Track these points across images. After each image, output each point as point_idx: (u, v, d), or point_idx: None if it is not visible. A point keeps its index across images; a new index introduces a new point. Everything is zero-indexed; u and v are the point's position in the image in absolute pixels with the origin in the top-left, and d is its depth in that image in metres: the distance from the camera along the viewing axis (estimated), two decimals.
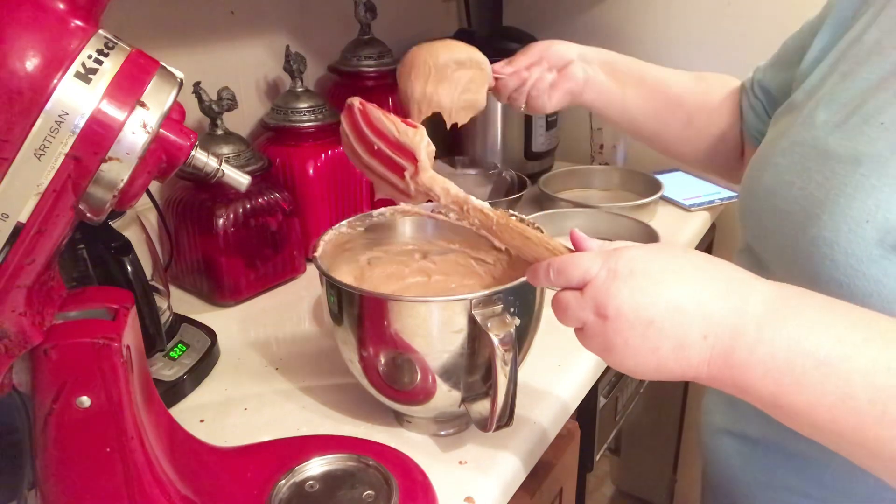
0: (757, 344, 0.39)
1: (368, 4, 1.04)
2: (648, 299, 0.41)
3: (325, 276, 0.60)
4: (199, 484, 0.53)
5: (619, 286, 0.42)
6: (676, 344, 0.41)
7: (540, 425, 0.66)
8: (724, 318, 0.40)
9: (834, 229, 0.48)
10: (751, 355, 0.40)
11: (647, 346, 0.41)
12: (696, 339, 0.40)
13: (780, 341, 0.39)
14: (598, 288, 0.42)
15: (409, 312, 0.56)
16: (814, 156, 0.52)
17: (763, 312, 0.40)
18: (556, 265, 0.46)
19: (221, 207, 0.84)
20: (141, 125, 0.38)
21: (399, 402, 0.62)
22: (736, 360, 0.40)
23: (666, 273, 0.42)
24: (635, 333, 0.41)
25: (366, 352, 0.59)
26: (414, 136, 0.55)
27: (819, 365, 0.38)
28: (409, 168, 0.55)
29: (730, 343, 0.40)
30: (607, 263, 0.43)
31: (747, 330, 0.40)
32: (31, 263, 0.39)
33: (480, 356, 0.58)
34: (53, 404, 0.44)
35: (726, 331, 0.40)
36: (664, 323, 0.40)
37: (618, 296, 0.41)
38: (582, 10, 1.37)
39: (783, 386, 0.39)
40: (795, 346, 0.39)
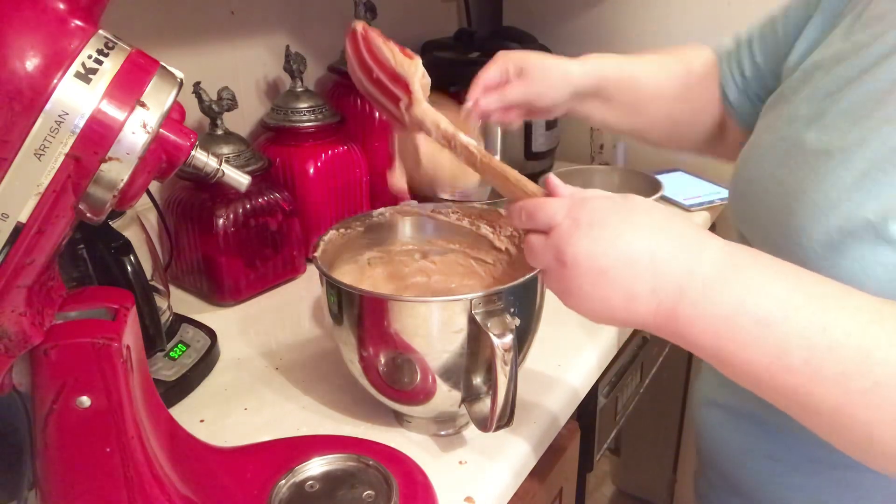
0: (702, 301, 0.41)
1: (368, 4, 1.04)
2: (602, 249, 0.43)
3: (325, 276, 0.60)
4: (199, 484, 0.53)
5: (579, 235, 0.44)
6: (626, 294, 0.43)
7: (540, 425, 0.66)
8: (673, 274, 0.42)
9: (805, 217, 0.50)
10: (695, 311, 0.41)
11: (599, 293, 0.43)
12: (645, 291, 0.42)
13: (724, 299, 0.41)
14: (560, 235, 0.45)
15: (409, 312, 0.56)
16: (793, 150, 0.54)
17: (710, 271, 0.42)
18: (528, 208, 0.48)
19: (221, 207, 0.84)
20: (141, 125, 0.38)
21: (399, 402, 0.62)
22: (681, 315, 0.42)
23: (624, 225, 0.43)
24: (589, 281, 0.43)
25: (366, 352, 0.59)
26: (409, 66, 0.54)
27: (758, 323, 0.40)
28: (403, 99, 0.54)
29: (677, 298, 0.42)
30: (571, 212, 0.45)
31: (693, 287, 0.41)
32: (31, 263, 0.39)
33: (481, 356, 0.58)
34: (53, 404, 0.44)
35: (674, 286, 0.42)
36: (616, 273, 0.42)
37: (576, 244, 0.44)
38: (582, 10, 1.37)
39: (724, 342, 0.41)
40: (738, 305, 0.41)
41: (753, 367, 0.41)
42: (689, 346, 0.43)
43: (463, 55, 1.23)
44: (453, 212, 0.72)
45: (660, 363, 1.09)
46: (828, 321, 0.39)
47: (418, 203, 0.73)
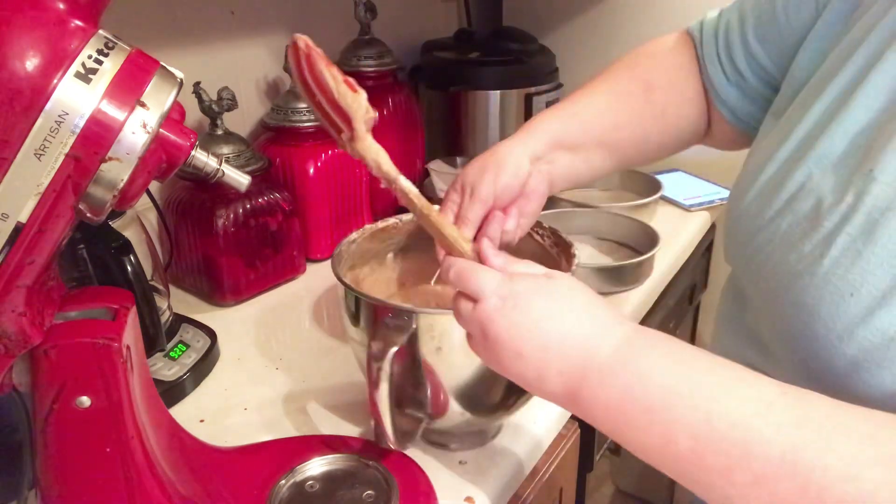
0: (598, 387, 0.43)
1: (368, 4, 1.04)
2: (520, 333, 0.45)
3: (346, 286, 0.58)
4: (199, 484, 0.53)
5: (502, 316, 0.45)
6: (538, 375, 0.45)
7: (540, 426, 0.66)
8: (577, 361, 0.43)
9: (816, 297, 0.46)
10: (592, 395, 0.43)
11: (515, 370, 0.45)
12: (554, 374, 0.44)
13: (616, 387, 0.42)
14: (485, 311, 0.46)
15: (431, 324, 0.54)
16: (803, 192, 0.49)
17: (609, 358, 0.43)
18: (458, 268, 0.49)
19: (221, 207, 0.84)
20: (141, 125, 0.38)
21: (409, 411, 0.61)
22: (581, 398, 0.43)
23: (544, 313, 0.45)
24: (505, 357, 0.45)
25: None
26: (353, 101, 0.51)
27: (646, 411, 0.41)
28: (345, 131, 0.52)
29: (579, 382, 0.43)
30: (499, 290, 0.46)
31: (592, 374, 0.43)
32: (31, 263, 0.39)
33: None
34: (53, 404, 0.44)
35: (577, 372, 0.43)
36: (530, 357, 0.45)
37: (499, 324, 0.45)
38: (582, 10, 1.37)
39: (619, 426, 0.43)
40: (628, 393, 0.42)
41: (646, 452, 0.42)
42: (595, 425, 0.44)
43: (463, 55, 1.23)
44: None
45: None
46: (712, 412, 0.39)
47: None
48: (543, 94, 1.22)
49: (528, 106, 1.21)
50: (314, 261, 0.99)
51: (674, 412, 0.40)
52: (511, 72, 1.20)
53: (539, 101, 1.21)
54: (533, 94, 1.21)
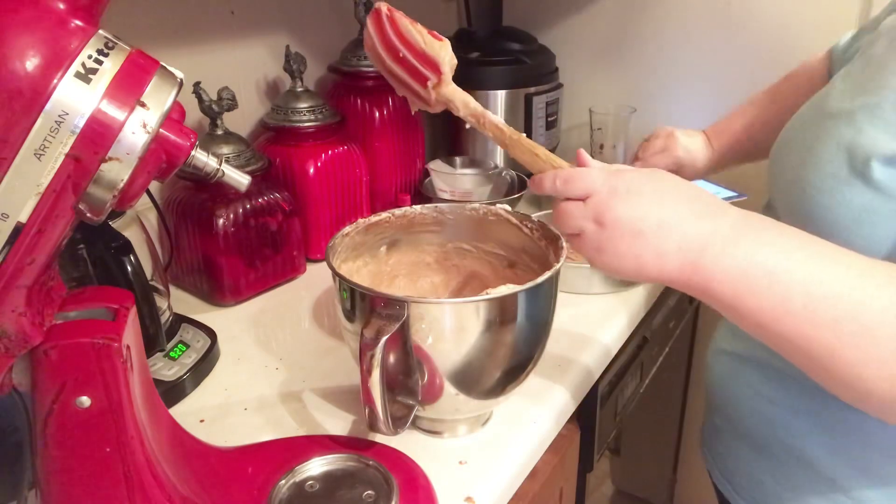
0: (720, 256, 0.48)
1: (368, 4, 1.04)
2: (640, 213, 0.50)
3: (339, 277, 0.59)
4: (199, 484, 0.53)
5: (618, 201, 0.50)
6: (657, 252, 0.49)
7: (540, 425, 0.66)
8: (697, 234, 0.49)
9: (810, 168, 0.56)
10: (714, 265, 0.48)
11: (633, 251, 0.50)
12: (673, 249, 0.49)
13: (739, 255, 0.48)
14: (600, 201, 0.51)
15: (422, 313, 0.55)
16: (817, 116, 0.60)
17: (729, 231, 0.49)
18: (564, 175, 0.54)
19: (221, 207, 0.84)
20: (141, 125, 0.38)
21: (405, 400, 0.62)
22: (702, 268, 0.48)
23: (656, 194, 0.50)
24: (625, 241, 0.50)
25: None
26: (440, 48, 0.57)
27: (767, 274, 0.47)
28: (432, 78, 0.58)
29: (699, 254, 0.48)
30: (609, 181, 0.51)
31: (714, 244, 0.48)
32: (31, 263, 0.39)
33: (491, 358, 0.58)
34: (53, 404, 0.44)
35: (697, 245, 0.49)
36: (649, 234, 0.49)
37: (616, 208, 0.50)
38: (581, 10, 1.37)
39: (738, 291, 0.48)
40: (750, 259, 0.47)
41: (762, 313, 0.47)
42: (708, 297, 0.49)
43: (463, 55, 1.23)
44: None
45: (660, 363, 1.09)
46: (825, 274, 0.46)
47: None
48: (543, 94, 1.22)
49: (528, 106, 1.21)
50: (314, 261, 0.99)
51: (792, 275, 0.46)
52: (511, 72, 1.20)
53: (539, 101, 1.21)
54: (533, 94, 1.21)
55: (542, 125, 1.24)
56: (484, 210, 0.71)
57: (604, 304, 0.86)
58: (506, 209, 0.70)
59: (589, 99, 1.31)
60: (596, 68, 1.38)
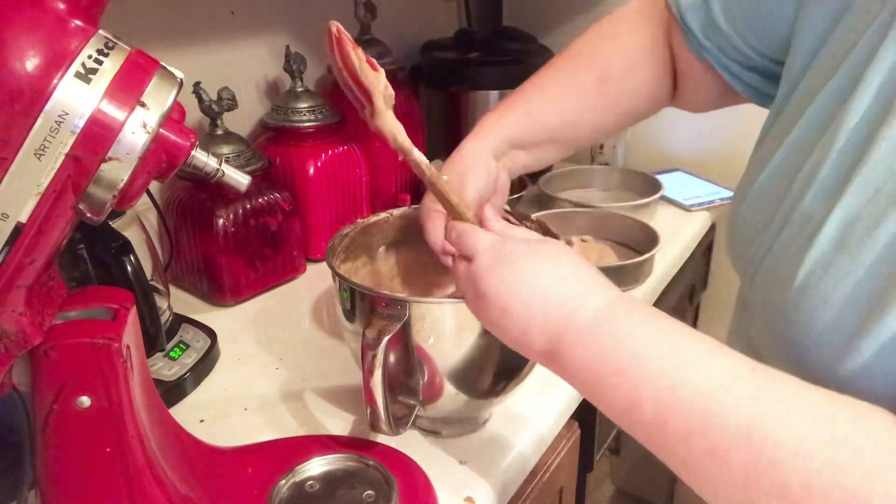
0: (576, 347, 0.44)
1: (368, 4, 1.04)
2: (507, 289, 0.47)
3: (339, 277, 0.59)
4: (199, 484, 0.53)
5: (491, 274, 0.48)
6: (521, 331, 0.47)
7: (540, 425, 0.66)
8: (559, 319, 0.45)
9: (794, 305, 0.45)
10: (571, 355, 0.44)
11: (502, 327, 0.48)
12: (536, 331, 0.46)
13: (592, 348, 0.44)
14: (479, 267, 0.49)
15: (424, 313, 0.55)
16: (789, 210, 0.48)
17: (589, 319, 0.44)
18: (458, 230, 0.53)
19: (221, 207, 0.84)
20: (141, 125, 0.38)
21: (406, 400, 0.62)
22: (561, 357, 0.45)
23: (528, 269, 0.47)
24: (493, 314, 0.48)
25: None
26: (373, 78, 0.56)
27: (616, 373, 0.42)
28: (367, 107, 0.57)
29: (558, 341, 0.45)
30: (492, 249, 0.49)
31: (571, 333, 0.44)
32: (31, 263, 0.39)
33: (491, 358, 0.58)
34: (53, 404, 0.44)
35: (557, 330, 0.45)
36: (514, 313, 0.47)
37: (488, 280, 0.48)
38: (581, 11, 1.37)
39: (591, 386, 0.44)
40: (602, 354, 0.43)
41: (614, 413, 0.43)
42: (570, 383, 0.46)
43: (463, 55, 1.23)
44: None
45: None
46: (678, 379, 0.40)
47: None
48: None
49: None
50: (314, 261, 0.99)
51: (642, 375, 0.41)
52: (511, 72, 1.20)
53: None
54: None
55: None
56: None
57: None
58: (505, 209, 0.70)
59: None
60: None
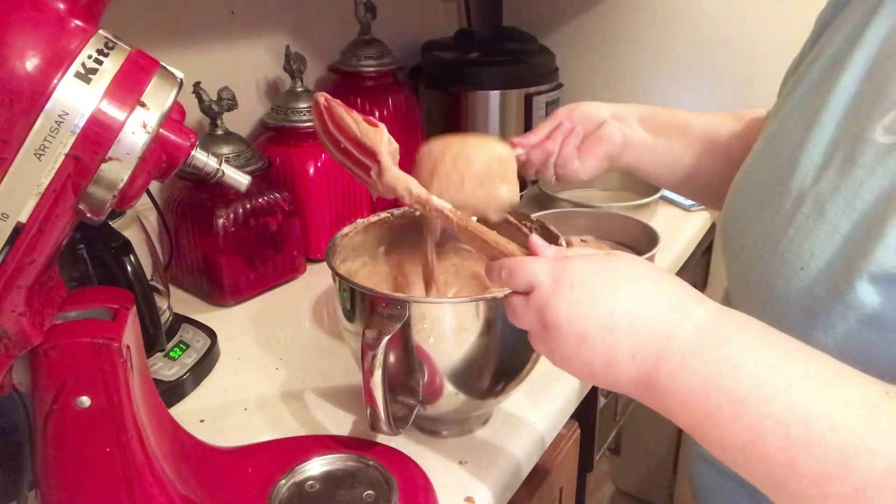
0: (679, 372, 0.39)
1: (368, 4, 1.04)
2: (582, 313, 0.41)
3: (339, 277, 0.59)
4: (199, 484, 0.53)
5: (559, 298, 0.42)
6: (606, 360, 0.41)
7: (540, 425, 0.66)
8: (652, 341, 0.39)
9: (774, 273, 0.46)
10: (671, 382, 0.39)
11: (581, 358, 0.42)
12: (625, 358, 0.40)
13: (700, 373, 0.38)
14: (541, 297, 0.43)
15: (424, 313, 0.55)
16: (777, 193, 0.50)
17: (691, 340, 0.39)
18: (508, 266, 0.47)
19: (221, 207, 0.84)
20: (141, 125, 0.38)
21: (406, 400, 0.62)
22: (658, 385, 0.39)
23: (605, 287, 0.41)
24: (570, 346, 0.42)
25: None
26: (374, 135, 0.54)
27: (734, 403, 0.37)
28: (373, 167, 0.55)
29: (654, 367, 0.39)
30: (553, 272, 0.44)
31: (672, 357, 0.39)
32: (31, 263, 0.39)
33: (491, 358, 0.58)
34: (53, 404, 0.44)
35: (652, 354, 0.39)
36: (595, 338, 0.41)
37: (556, 308, 0.42)
38: (582, 11, 1.37)
39: (699, 418, 0.38)
40: (714, 381, 0.38)
41: (727, 449, 0.38)
42: (669, 416, 0.40)
43: (463, 55, 1.23)
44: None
45: None
46: (810, 412, 0.35)
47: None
48: (543, 94, 1.22)
49: (528, 106, 1.21)
50: (314, 261, 0.99)
51: (766, 407, 0.36)
52: (511, 72, 1.20)
53: (539, 101, 1.21)
54: (533, 94, 1.21)
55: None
56: None
57: None
58: None
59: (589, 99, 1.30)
60: (596, 68, 1.39)
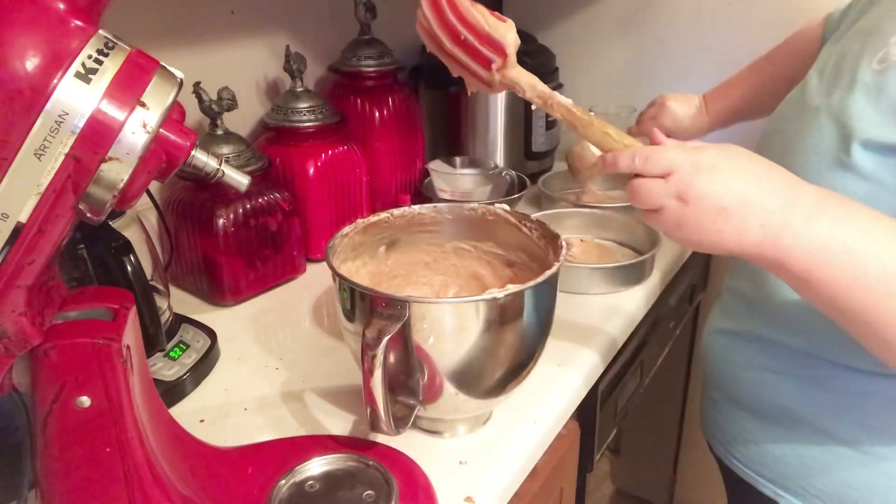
0: (802, 231, 0.50)
1: (368, 4, 1.04)
2: (723, 189, 0.51)
3: (339, 277, 0.59)
4: (199, 484, 0.53)
5: (701, 178, 0.52)
6: (739, 228, 0.51)
7: (540, 425, 0.66)
8: (778, 210, 0.51)
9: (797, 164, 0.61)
10: (795, 240, 0.51)
11: (715, 227, 0.52)
12: (755, 225, 0.51)
13: (820, 230, 0.50)
14: (682, 177, 0.52)
15: (424, 313, 0.55)
16: (797, 110, 0.67)
17: (809, 208, 0.51)
18: (644, 153, 0.55)
19: (221, 207, 0.84)
20: (141, 125, 0.38)
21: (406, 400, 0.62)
22: (783, 244, 0.51)
23: (737, 171, 0.52)
24: (709, 216, 0.51)
25: None
26: (505, 30, 0.56)
27: (846, 249, 0.50)
28: (496, 61, 0.56)
29: (781, 230, 0.51)
30: (690, 157, 0.53)
31: (795, 220, 0.51)
32: (31, 263, 0.39)
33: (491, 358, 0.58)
34: (53, 404, 0.44)
35: (779, 220, 0.51)
36: (733, 211, 0.51)
37: (700, 185, 0.52)
38: (582, 10, 1.37)
39: (816, 264, 0.51)
40: (830, 234, 0.50)
41: (837, 286, 0.50)
42: (783, 270, 0.52)
43: None
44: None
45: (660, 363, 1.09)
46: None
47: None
48: None
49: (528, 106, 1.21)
50: (314, 261, 0.99)
51: (870, 247, 0.50)
52: None
53: None
54: None
55: (541, 125, 1.24)
56: (482, 210, 0.71)
57: (604, 304, 0.86)
58: (504, 209, 0.70)
59: (589, 99, 1.31)
60: (596, 68, 1.39)
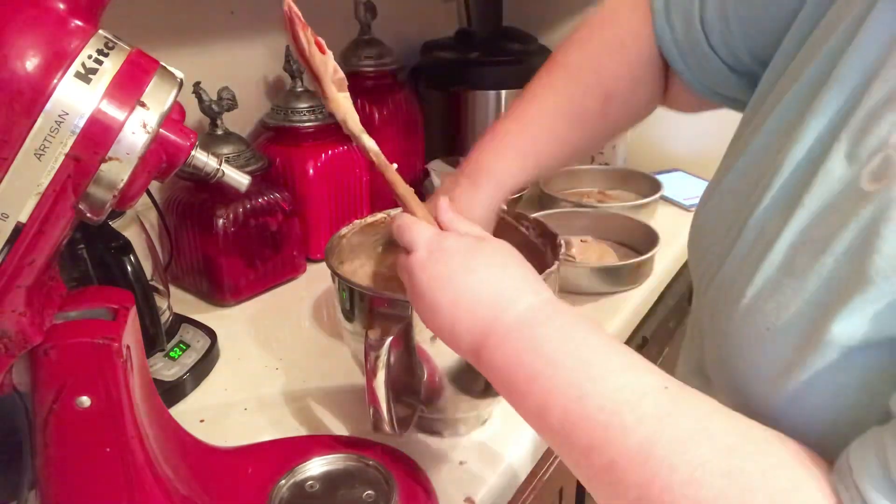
0: (496, 347, 0.44)
1: (368, 4, 1.04)
2: (438, 286, 0.47)
3: (339, 277, 0.59)
4: (199, 484, 0.53)
5: (423, 268, 0.48)
6: (450, 330, 0.46)
7: None
8: (483, 319, 0.45)
9: (738, 334, 0.43)
10: (490, 356, 0.44)
11: (433, 323, 0.47)
12: (463, 330, 0.45)
13: (510, 350, 0.43)
14: (412, 262, 0.48)
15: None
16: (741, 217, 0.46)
17: (511, 323, 0.44)
18: (399, 223, 0.52)
19: (221, 207, 0.84)
20: (141, 125, 0.38)
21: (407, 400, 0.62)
22: (481, 357, 0.45)
23: (462, 268, 0.47)
24: (425, 310, 0.47)
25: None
26: (320, 62, 0.54)
27: (529, 379, 0.42)
28: (318, 90, 0.56)
29: (482, 341, 0.45)
30: (430, 244, 0.49)
31: (494, 334, 0.44)
32: (31, 263, 0.39)
33: None
34: (53, 404, 0.44)
35: (482, 330, 0.45)
36: (443, 310, 0.46)
37: (420, 276, 0.47)
38: (581, 11, 1.37)
39: (507, 389, 0.44)
40: (518, 357, 0.43)
41: (527, 418, 0.43)
42: (493, 384, 0.45)
43: (463, 55, 1.23)
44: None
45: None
46: (587, 391, 0.39)
47: None
48: None
49: None
50: (314, 261, 0.99)
51: (552, 383, 0.41)
52: (511, 72, 1.20)
53: None
54: None
55: None
56: None
57: (604, 304, 0.86)
58: (502, 208, 0.70)
59: None
60: None
